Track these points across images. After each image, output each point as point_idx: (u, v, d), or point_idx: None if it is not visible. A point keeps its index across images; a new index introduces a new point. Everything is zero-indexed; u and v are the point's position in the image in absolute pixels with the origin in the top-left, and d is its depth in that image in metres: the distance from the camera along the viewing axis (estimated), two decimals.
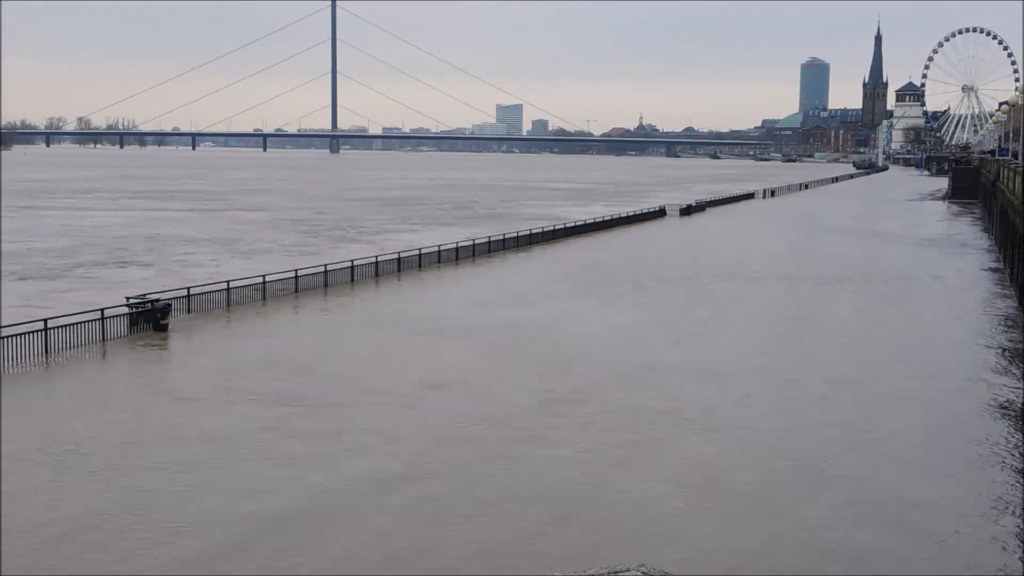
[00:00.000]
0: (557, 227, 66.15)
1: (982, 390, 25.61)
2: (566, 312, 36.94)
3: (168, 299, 32.40)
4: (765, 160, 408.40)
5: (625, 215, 79.98)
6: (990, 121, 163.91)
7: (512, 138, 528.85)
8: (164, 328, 31.04)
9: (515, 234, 59.68)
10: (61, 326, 28.26)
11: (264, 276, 38.92)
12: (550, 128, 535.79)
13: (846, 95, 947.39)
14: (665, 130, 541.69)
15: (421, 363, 27.78)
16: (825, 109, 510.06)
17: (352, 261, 44.09)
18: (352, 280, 42.61)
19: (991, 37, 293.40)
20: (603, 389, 25.11)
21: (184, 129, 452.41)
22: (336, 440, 20.63)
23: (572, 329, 33.47)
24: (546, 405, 23.57)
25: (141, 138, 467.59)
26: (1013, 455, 20.32)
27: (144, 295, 32.47)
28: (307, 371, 26.71)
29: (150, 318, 31.13)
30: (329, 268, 42.06)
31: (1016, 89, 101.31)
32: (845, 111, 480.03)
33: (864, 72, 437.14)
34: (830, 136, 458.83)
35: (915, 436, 21.87)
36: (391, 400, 23.77)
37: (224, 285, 36.44)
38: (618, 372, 27.01)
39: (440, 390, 24.80)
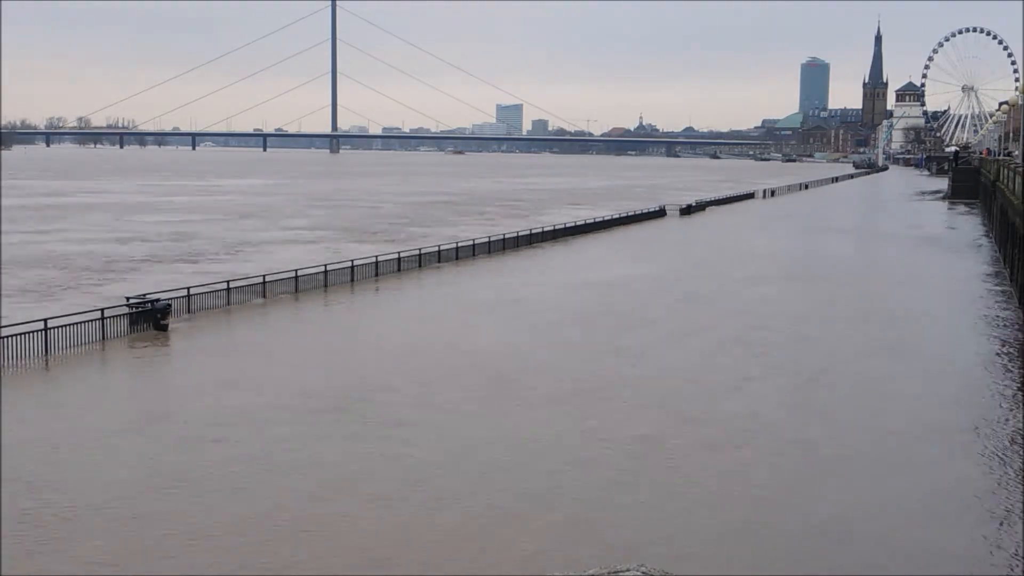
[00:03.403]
0: (557, 227, 66.21)
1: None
2: None
3: (168, 299, 32.40)
4: (765, 160, 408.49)
5: (625, 215, 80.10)
6: (990, 121, 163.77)
7: (512, 138, 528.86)
8: (164, 328, 31.03)
9: (515, 234, 59.78)
10: (61, 326, 28.27)
11: (264, 276, 38.99)
12: (550, 128, 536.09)
13: (846, 95, 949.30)
14: (665, 130, 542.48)
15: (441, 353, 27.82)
16: (825, 109, 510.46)
17: (352, 261, 44.11)
18: (352, 280, 42.65)
19: (991, 37, 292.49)
20: None
21: (184, 129, 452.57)
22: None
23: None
24: None
25: (141, 138, 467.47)
26: None
27: (144, 295, 32.45)
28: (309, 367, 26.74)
29: (150, 318, 31.13)
30: (329, 268, 42.09)
31: (1016, 89, 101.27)
32: (845, 111, 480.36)
33: (864, 72, 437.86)
34: (830, 136, 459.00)
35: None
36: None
37: (224, 285, 36.51)
38: None
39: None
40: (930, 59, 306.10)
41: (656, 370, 27.66)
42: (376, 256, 45.86)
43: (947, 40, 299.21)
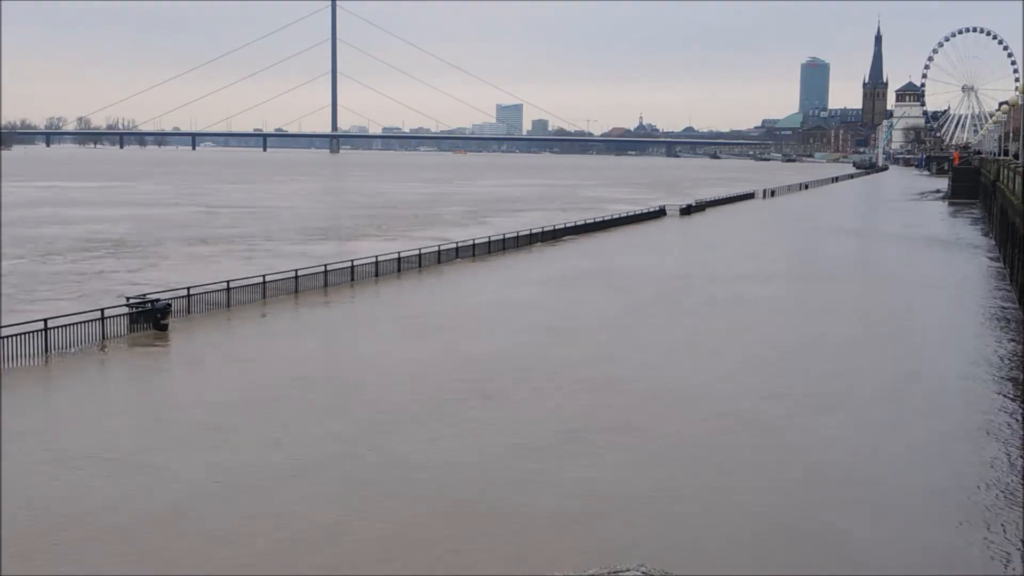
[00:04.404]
0: (557, 227, 66.24)
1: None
2: None
3: (168, 299, 32.41)
4: (765, 160, 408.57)
5: (625, 215, 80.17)
6: (990, 121, 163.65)
7: (512, 138, 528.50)
8: (164, 328, 31.04)
9: (515, 234, 59.80)
10: (61, 326, 28.26)
11: (264, 276, 39.00)
12: (550, 128, 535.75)
13: (846, 95, 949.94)
14: (665, 130, 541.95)
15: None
16: (825, 109, 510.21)
17: (352, 261, 44.13)
18: (352, 279, 42.67)
19: (991, 37, 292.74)
20: None
21: (184, 129, 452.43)
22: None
23: None
24: None
25: (141, 138, 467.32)
26: None
27: (144, 295, 32.46)
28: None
29: (150, 318, 31.14)
30: (329, 268, 42.10)
31: (1016, 89, 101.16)
32: (845, 111, 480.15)
33: (864, 72, 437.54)
34: (830, 136, 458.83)
35: None
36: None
37: (224, 285, 36.52)
38: None
39: None
40: (930, 59, 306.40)
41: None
42: (376, 256, 45.90)
43: (947, 40, 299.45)
